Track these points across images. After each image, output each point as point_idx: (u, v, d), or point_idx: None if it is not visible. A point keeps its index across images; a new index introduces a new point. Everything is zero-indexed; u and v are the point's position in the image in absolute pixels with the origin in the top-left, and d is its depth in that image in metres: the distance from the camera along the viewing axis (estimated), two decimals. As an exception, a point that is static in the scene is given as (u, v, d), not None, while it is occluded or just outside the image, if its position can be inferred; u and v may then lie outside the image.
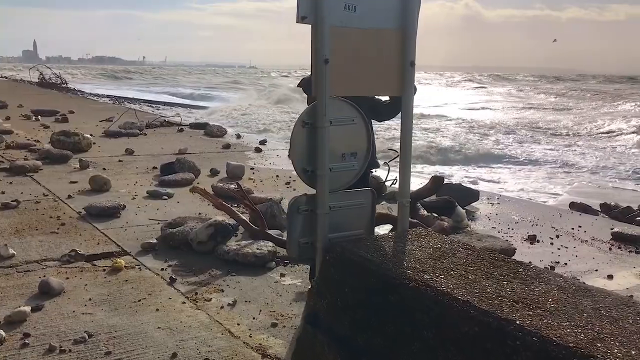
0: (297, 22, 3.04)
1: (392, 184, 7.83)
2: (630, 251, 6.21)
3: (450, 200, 6.95)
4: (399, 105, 4.07)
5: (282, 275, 4.98)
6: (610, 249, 6.27)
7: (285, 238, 5.82)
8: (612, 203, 11.12)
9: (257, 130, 22.67)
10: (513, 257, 4.31)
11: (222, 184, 7.91)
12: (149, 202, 7.26)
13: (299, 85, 4.32)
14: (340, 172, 3.34)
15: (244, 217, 5.77)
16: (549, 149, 21.66)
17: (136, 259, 5.21)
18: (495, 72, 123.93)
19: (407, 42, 3.37)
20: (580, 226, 7.12)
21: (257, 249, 5.23)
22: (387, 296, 2.78)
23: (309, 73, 4.32)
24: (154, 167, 9.47)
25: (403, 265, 2.89)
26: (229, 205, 6.12)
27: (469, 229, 6.90)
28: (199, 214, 6.80)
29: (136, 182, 8.39)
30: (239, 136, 14.22)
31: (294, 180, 8.98)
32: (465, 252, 3.12)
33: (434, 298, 2.56)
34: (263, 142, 13.05)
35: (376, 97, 4.12)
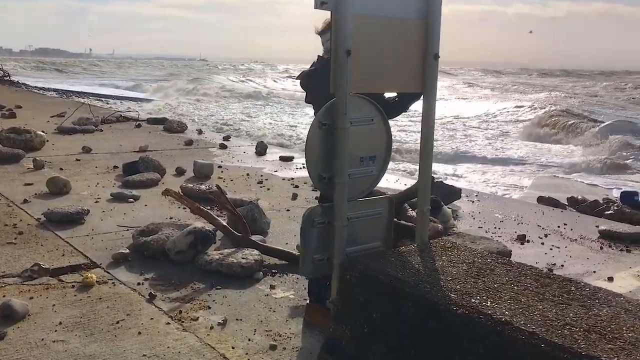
0: (316, 7, 2.65)
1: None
2: (621, 250, 6.06)
3: (437, 200, 6.65)
4: (407, 102, 3.71)
5: (272, 287, 4.56)
6: (601, 247, 6.11)
7: (268, 244, 5.45)
8: (579, 197, 11.14)
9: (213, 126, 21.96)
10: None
11: (191, 185, 7.40)
12: (114, 206, 6.69)
13: (297, 78, 3.90)
14: (358, 179, 2.96)
15: (224, 223, 5.31)
16: (493, 144, 21.69)
17: (108, 272, 4.69)
18: (443, 66, 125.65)
19: (431, 32, 3.01)
20: (565, 224, 6.95)
21: (242, 258, 4.79)
22: (428, 322, 2.42)
23: (309, 66, 3.95)
24: (115, 167, 8.86)
25: (441, 286, 2.53)
26: (207, 210, 5.65)
27: (455, 229, 6.63)
28: (170, 218, 6.31)
29: (98, 183, 7.78)
30: (200, 132, 13.62)
31: (267, 179, 8.56)
32: (503, 268, 2.80)
33: (491, 327, 2.21)
34: (227, 138, 12.53)
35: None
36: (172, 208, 6.73)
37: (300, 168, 9.63)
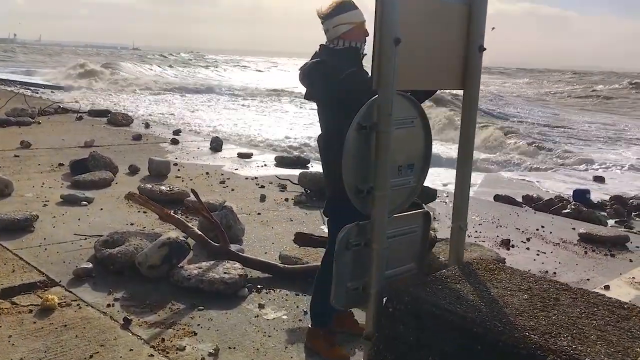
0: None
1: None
2: (605, 254, 5.91)
3: (418, 203, 6.31)
4: (421, 100, 3.29)
5: (261, 306, 4.08)
6: (585, 252, 5.94)
7: (246, 254, 4.95)
8: (534, 195, 11.16)
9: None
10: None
11: (150, 186, 6.77)
12: (66, 210, 5.99)
13: (300, 69, 3.42)
14: (396, 191, 2.53)
15: (199, 232, 4.77)
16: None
17: (71, 292, 4.08)
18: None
19: (476, 20, 2.61)
20: (543, 226, 6.78)
21: (225, 272, 4.27)
22: (505, 370, 2.02)
23: (311, 57, 3.47)
24: (61, 164, 8.07)
25: (513, 322, 2.15)
26: (178, 217, 5.08)
27: (433, 232, 6.33)
28: (132, 224, 5.69)
29: (43, 184, 7.02)
30: (147, 125, 12.83)
31: (228, 179, 8.01)
32: (566, 296, 2.45)
33: (596, 381, 1.82)
34: (177, 133, 11.82)
35: None
36: (131, 212, 6.10)
37: (262, 166, 9.13)
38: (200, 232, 4.74)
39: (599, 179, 14.43)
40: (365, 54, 3.33)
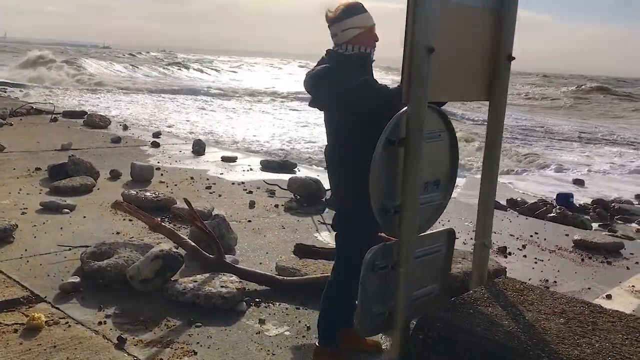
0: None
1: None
2: (602, 262, 5.86)
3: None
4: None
5: (262, 321, 3.89)
6: (582, 260, 5.88)
7: (240, 265, 4.76)
8: (518, 199, 11.15)
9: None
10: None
11: (134, 192, 6.51)
12: (46, 218, 5.71)
13: (307, 74, 3.24)
14: (421, 209, 2.37)
15: (193, 243, 4.56)
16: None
17: (58, 309, 3.83)
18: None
19: (505, 27, 2.48)
20: (536, 232, 6.72)
21: (222, 286, 4.08)
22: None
23: (317, 63, 3.30)
24: (38, 169, 7.75)
25: (553, 350, 2.01)
26: (169, 227, 4.86)
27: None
28: (117, 233, 5.45)
29: (20, 190, 6.70)
30: (126, 127, 12.48)
31: (214, 184, 7.77)
32: (603, 319, 2.32)
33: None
34: (157, 135, 11.52)
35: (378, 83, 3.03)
36: (116, 220, 5.85)
37: (247, 170, 8.92)
38: (193, 244, 4.53)
39: (579, 182, 14.50)
40: (374, 60, 3.18)
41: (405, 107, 2.16)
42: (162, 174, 8.09)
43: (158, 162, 8.91)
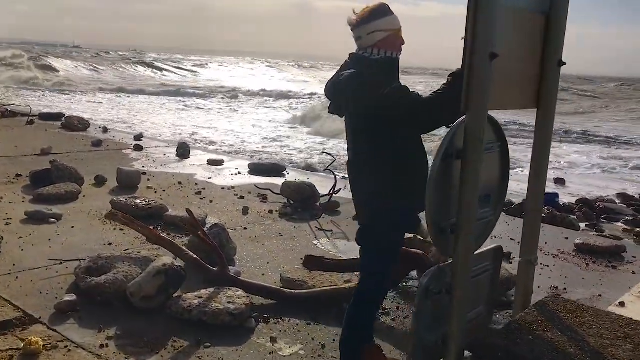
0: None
1: (334, 193, 6.72)
2: (607, 266, 5.78)
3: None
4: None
5: (273, 339, 3.67)
6: (587, 265, 5.79)
7: (242, 277, 4.53)
8: (506, 200, 11.09)
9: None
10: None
11: (124, 199, 6.22)
12: (32, 229, 5.40)
13: (331, 81, 3.03)
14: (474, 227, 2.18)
15: (194, 255, 4.31)
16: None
17: (55, 331, 3.56)
18: (322, 61, 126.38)
19: (555, 31, 2.30)
20: (536, 236, 6.60)
21: (229, 302, 3.84)
22: None
23: (340, 69, 3.10)
24: (19, 175, 7.39)
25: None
26: (168, 238, 4.60)
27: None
28: (110, 244, 5.17)
29: (2, 198, 6.36)
30: (105, 130, 12.09)
31: (204, 189, 7.51)
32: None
33: None
34: (139, 138, 11.17)
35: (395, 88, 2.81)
36: (107, 230, 5.56)
37: (236, 174, 8.66)
38: (196, 256, 4.28)
39: (560, 181, 14.52)
40: None
41: (463, 117, 1.98)
42: (148, 179, 7.79)
43: (143, 167, 8.60)
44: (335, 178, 7.21)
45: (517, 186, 13.67)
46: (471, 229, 2.01)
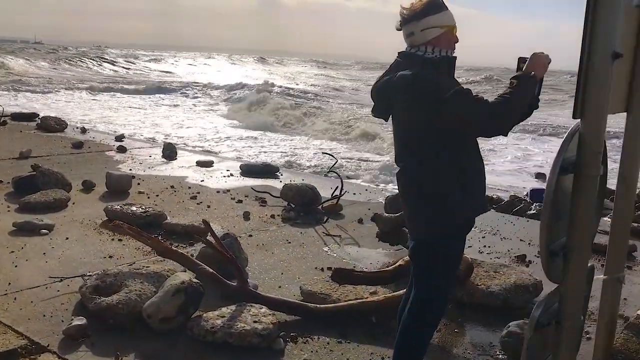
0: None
1: (340, 195, 6.47)
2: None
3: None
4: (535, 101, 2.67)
5: (307, 362, 3.40)
6: (602, 265, 5.61)
7: (259, 291, 4.24)
8: (494, 196, 10.99)
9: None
10: None
11: (118, 206, 5.84)
12: (24, 242, 5.00)
13: (380, 82, 2.77)
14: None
15: (210, 269, 4.00)
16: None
17: (67, 360, 3.22)
18: (286, 56, 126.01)
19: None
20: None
21: (255, 321, 3.55)
22: None
23: (390, 69, 2.84)
24: (-1, 181, 6.93)
25: None
26: (180, 251, 4.27)
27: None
28: (110, 257, 4.82)
29: (-15, 208, 5.93)
30: (84, 130, 11.58)
31: (199, 193, 7.17)
32: None
33: None
34: (121, 139, 10.72)
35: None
36: (104, 241, 5.19)
37: (228, 176, 8.33)
38: (212, 270, 3.97)
39: (542, 176, 14.49)
40: None
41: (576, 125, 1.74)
42: (138, 183, 7.40)
43: (130, 170, 8.20)
44: (341, 180, 6.95)
45: (499, 178, 13.63)
46: (587, 250, 1.78)
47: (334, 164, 7.90)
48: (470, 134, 2.61)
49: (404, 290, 3.95)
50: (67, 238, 5.18)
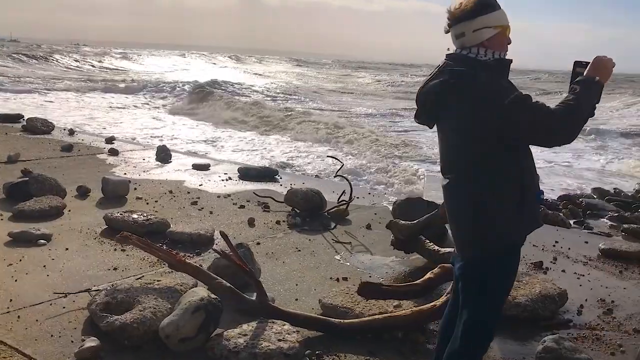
0: None
1: (350, 199, 6.27)
2: (640, 273, 5.53)
3: (441, 225, 5.63)
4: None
5: (337, 382, 3.20)
6: (621, 272, 5.51)
7: (277, 305, 4.02)
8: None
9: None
10: None
11: (119, 214, 5.57)
12: (22, 254, 4.71)
13: (428, 85, 2.57)
14: None
15: (228, 284, 3.76)
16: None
17: (82, 388, 2.97)
18: (267, 55, 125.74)
19: None
20: (557, 241, 6.31)
21: (280, 339, 3.34)
22: None
23: (439, 71, 2.63)
24: (-12, 188, 6.61)
25: None
26: (195, 264, 4.03)
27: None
28: (115, 269, 4.57)
29: (-24, 217, 5.62)
30: (72, 132, 11.23)
31: (199, 198, 6.93)
32: None
33: None
34: (111, 141, 10.40)
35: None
36: (105, 251, 4.94)
37: (226, 180, 8.08)
38: (230, 285, 3.74)
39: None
40: None
41: None
42: (135, 188, 7.13)
43: (125, 174, 7.91)
44: (350, 185, 6.75)
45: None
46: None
47: (340, 167, 7.67)
48: (532, 144, 2.43)
49: (432, 303, 3.79)
50: (67, 249, 4.91)
